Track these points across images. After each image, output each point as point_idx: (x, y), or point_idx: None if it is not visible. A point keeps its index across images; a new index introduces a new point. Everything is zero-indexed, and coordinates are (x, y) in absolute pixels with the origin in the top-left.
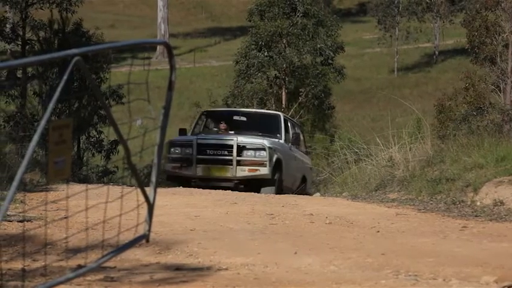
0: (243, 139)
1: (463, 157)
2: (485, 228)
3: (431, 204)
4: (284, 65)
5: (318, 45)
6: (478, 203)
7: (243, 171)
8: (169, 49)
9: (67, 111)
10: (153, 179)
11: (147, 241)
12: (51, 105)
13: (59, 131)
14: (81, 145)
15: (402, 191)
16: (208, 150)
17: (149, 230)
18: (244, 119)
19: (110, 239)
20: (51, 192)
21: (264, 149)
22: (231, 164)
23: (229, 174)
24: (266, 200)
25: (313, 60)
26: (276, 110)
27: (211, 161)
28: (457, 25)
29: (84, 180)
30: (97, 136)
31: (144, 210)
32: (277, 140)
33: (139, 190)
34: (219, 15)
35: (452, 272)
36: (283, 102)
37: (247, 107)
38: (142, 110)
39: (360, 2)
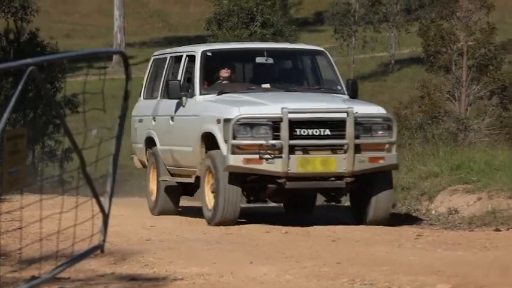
0: (354, 107)
1: (418, 166)
2: (439, 237)
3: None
4: None
5: None
6: (433, 212)
7: (361, 162)
8: (125, 58)
9: (22, 121)
10: (108, 188)
11: (102, 251)
12: (5, 115)
13: (14, 141)
14: (35, 155)
15: None
16: (304, 130)
17: (104, 240)
18: (270, 61)
19: (65, 249)
20: (5, 202)
21: (390, 122)
22: (344, 151)
23: (338, 169)
24: None
25: None
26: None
27: (309, 148)
28: (412, 34)
29: (39, 190)
30: (52, 146)
31: (99, 221)
32: (343, 96)
33: (94, 200)
34: (176, 24)
35: (407, 280)
36: None
37: None
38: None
39: (316, 12)
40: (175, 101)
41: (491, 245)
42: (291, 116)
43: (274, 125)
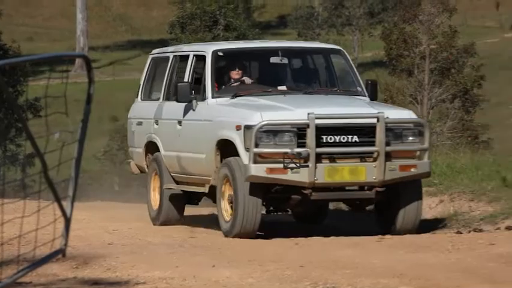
0: (384, 111)
1: None
2: (402, 240)
3: (348, 216)
4: None
5: None
6: None
7: (392, 171)
8: (88, 62)
9: None
10: (70, 192)
11: (64, 256)
12: None
13: None
14: None
15: None
16: (331, 137)
17: (66, 245)
18: (285, 60)
19: (26, 253)
20: None
21: (421, 127)
22: (374, 159)
23: (368, 178)
24: (185, 213)
25: None
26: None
27: (336, 156)
28: (375, 38)
29: (1, 194)
30: (14, 150)
31: (61, 225)
32: (365, 98)
33: (56, 204)
34: (139, 27)
35: (370, 283)
36: None
37: None
38: (61, 123)
39: (280, 15)
40: (183, 104)
41: (453, 247)
42: (318, 122)
43: (299, 131)
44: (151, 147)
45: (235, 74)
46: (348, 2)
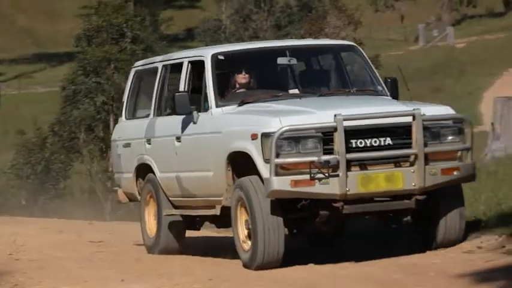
0: (418, 107)
1: None
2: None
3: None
4: (112, 91)
5: None
6: None
7: (433, 175)
8: None
9: None
10: None
11: None
12: None
13: None
14: None
15: None
16: (361, 140)
17: None
18: (294, 61)
19: None
20: None
21: (462, 124)
22: (411, 163)
23: (406, 185)
24: (93, 227)
25: None
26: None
27: (368, 162)
28: None
29: None
30: None
31: None
32: (387, 97)
33: None
34: (45, 40)
35: None
36: (111, 128)
37: (74, 133)
38: None
39: (187, 28)
40: (180, 118)
41: None
42: (346, 124)
43: (325, 136)
44: (143, 170)
45: (241, 78)
46: (255, 15)
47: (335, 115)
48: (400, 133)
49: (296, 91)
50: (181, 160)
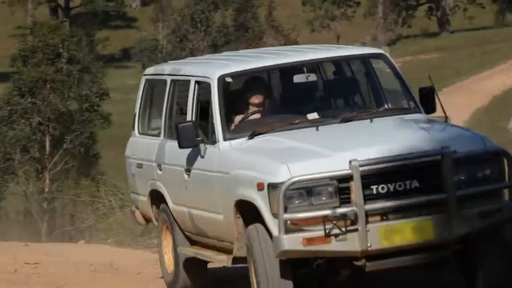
0: (448, 143)
1: None
2: None
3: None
4: (48, 112)
5: (84, 92)
6: None
7: (469, 220)
8: None
9: None
10: None
11: None
12: None
13: None
14: None
15: None
16: (383, 186)
17: None
18: (313, 78)
19: None
20: None
21: (500, 158)
22: (442, 210)
23: (438, 235)
24: (29, 249)
25: (79, 106)
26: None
27: (395, 211)
28: None
29: None
30: None
31: None
32: (420, 116)
33: None
34: None
35: None
36: (47, 149)
37: (9, 154)
38: None
39: (123, 48)
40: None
41: None
42: (363, 169)
43: (340, 184)
44: (157, 197)
45: (254, 99)
46: (191, 35)
47: (350, 161)
48: (428, 174)
49: (315, 115)
50: (191, 196)
